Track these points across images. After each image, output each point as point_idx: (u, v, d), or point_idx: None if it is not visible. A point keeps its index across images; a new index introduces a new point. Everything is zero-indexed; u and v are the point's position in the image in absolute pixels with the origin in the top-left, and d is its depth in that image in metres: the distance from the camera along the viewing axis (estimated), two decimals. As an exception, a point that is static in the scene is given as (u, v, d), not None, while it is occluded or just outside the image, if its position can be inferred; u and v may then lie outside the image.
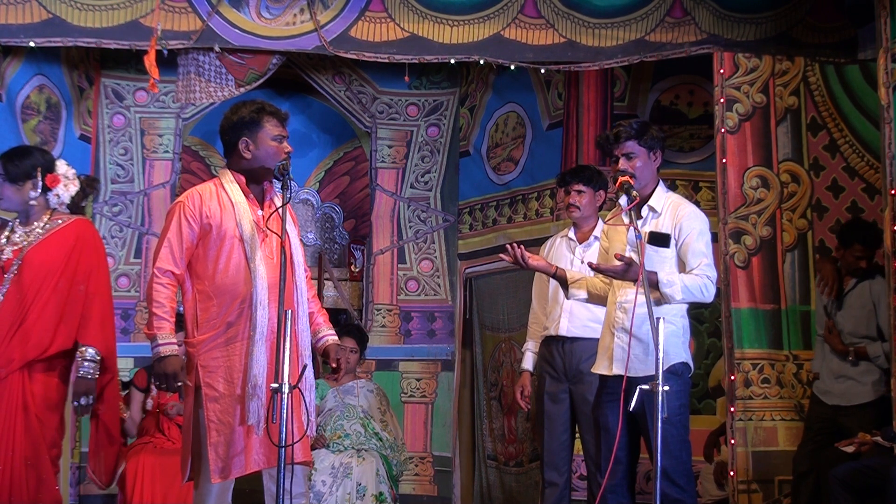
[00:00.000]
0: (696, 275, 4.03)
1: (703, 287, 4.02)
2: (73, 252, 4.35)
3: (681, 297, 3.99)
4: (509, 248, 4.14)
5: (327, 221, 7.40)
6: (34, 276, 4.29)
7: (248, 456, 3.84)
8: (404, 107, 7.25)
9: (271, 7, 5.72)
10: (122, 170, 6.94)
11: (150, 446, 5.81)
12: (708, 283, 4.03)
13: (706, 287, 4.03)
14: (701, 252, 4.08)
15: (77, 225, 4.45)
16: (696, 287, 4.01)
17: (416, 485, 6.93)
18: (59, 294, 4.31)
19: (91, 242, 4.44)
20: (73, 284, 4.34)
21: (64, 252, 4.34)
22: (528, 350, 5.32)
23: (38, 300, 4.29)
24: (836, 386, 5.26)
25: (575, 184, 5.15)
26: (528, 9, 5.75)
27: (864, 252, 5.26)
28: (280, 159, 3.94)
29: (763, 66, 5.66)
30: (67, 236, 4.38)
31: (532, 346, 5.29)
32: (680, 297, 3.98)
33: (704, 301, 4.09)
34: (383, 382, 6.68)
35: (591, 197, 5.14)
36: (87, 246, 4.42)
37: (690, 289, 4.00)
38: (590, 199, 5.14)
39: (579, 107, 6.25)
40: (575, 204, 5.13)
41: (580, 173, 5.20)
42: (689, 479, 4.12)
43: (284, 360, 3.58)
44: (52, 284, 4.29)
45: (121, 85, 6.96)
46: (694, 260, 4.07)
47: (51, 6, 5.52)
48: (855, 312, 5.26)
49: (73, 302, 4.34)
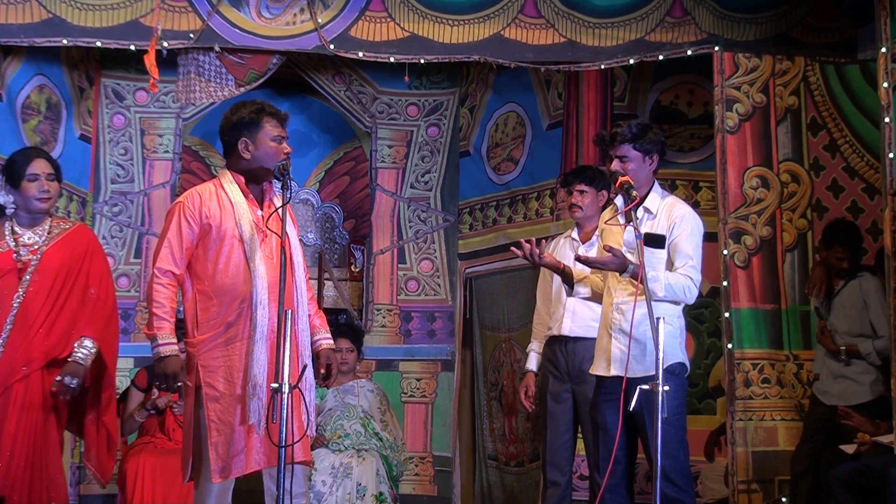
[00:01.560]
0: (680, 274, 4.05)
1: (686, 287, 4.04)
2: (86, 256, 4.49)
3: (663, 294, 4.00)
4: (523, 243, 4.15)
5: (327, 221, 7.40)
6: (55, 277, 4.40)
7: (248, 456, 3.85)
8: (404, 107, 7.25)
9: (271, 7, 5.72)
10: (122, 170, 6.94)
11: (150, 446, 5.81)
12: (690, 285, 4.05)
13: (688, 288, 4.05)
14: (687, 254, 4.09)
15: (84, 230, 4.66)
16: (679, 286, 4.03)
17: (416, 485, 6.93)
18: (75, 296, 4.43)
19: (99, 248, 4.64)
20: (87, 287, 4.47)
21: (78, 255, 4.46)
22: (532, 350, 5.32)
23: (58, 301, 4.40)
24: (835, 386, 5.27)
25: (577, 184, 5.16)
26: (528, 9, 5.75)
27: (843, 253, 5.30)
28: (279, 160, 3.95)
29: (763, 66, 5.66)
30: (79, 240, 4.51)
31: (536, 347, 5.30)
32: (662, 294, 4.00)
33: (685, 301, 4.11)
34: (383, 382, 6.68)
35: (593, 197, 5.15)
36: (98, 251, 4.59)
37: (673, 287, 4.02)
38: (592, 198, 5.15)
39: (579, 107, 6.24)
40: (577, 204, 5.14)
41: (582, 173, 5.21)
42: (687, 478, 4.13)
43: (284, 359, 3.59)
44: (70, 286, 4.41)
45: (121, 85, 6.96)
46: (679, 260, 4.09)
47: (51, 6, 5.52)
48: (847, 312, 5.28)
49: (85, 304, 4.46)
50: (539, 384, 5.26)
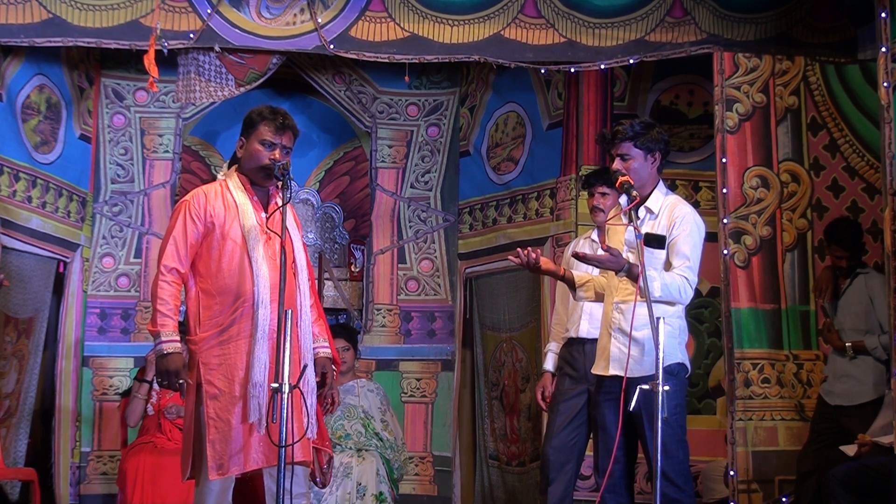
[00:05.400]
0: (676, 274, 4.04)
1: (681, 288, 4.03)
2: None
3: (659, 294, 3.98)
4: (520, 252, 4.13)
5: (327, 221, 7.40)
6: None
7: (246, 454, 3.85)
8: (404, 107, 7.25)
9: (271, 7, 5.72)
10: (122, 170, 6.94)
11: (150, 446, 5.81)
12: (686, 286, 4.03)
13: (684, 288, 4.03)
14: (685, 254, 4.07)
15: None
16: (674, 286, 4.01)
17: (416, 485, 6.93)
18: None
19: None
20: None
21: None
22: (549, 351, 5.29)
23: None
24: (839, 386, 5.28)
25: (599, 186, 5.11)
26: (528, 9, 5.75)
27: (842, 252, 5.31)
28: (261, 163, 3.96)
29: (763, 65, 5.66)
30: None
31: (554, 348, 5.27)
32: (658, 294, 3.97)
33: (680, 302, 4.09)
34: (383, 382, 6.68)
35: (615, 199, 5.07)
36: None
37: (669, 287, 4.00)
38: (614, 201, 5.06)
39: (579, 107, 6.24)
40: (599, 206, 5.10)
41: (604, 175, 5.08)
42: (686, 478, 4.12)
43: (284, 359, 3.59)
44: None
45: (121, 85, 6.96)
46: (677, 260, 4.08)
47: (51, 6, 5.52)
48: (854, 309, 5.29)
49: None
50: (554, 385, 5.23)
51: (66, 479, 6.36)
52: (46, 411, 6.40)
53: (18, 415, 5.99)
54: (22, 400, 6.03)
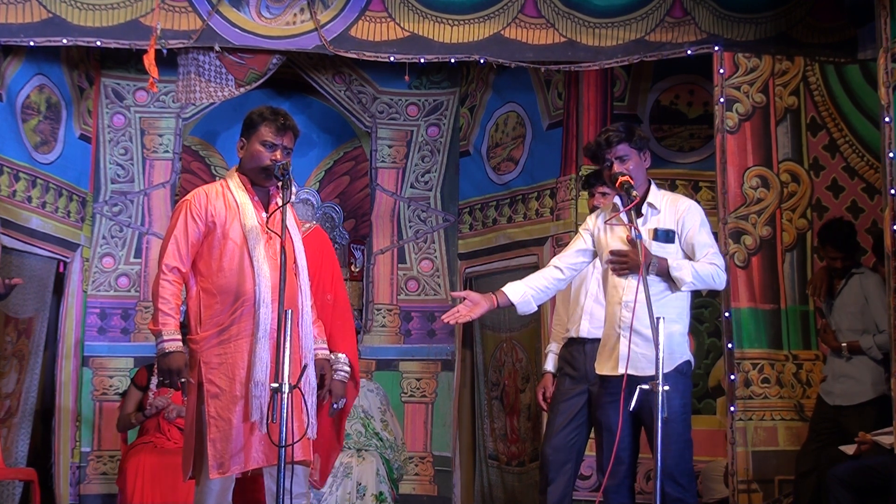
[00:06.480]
0: (705, 262, 4.04)
1: (714, 274, 4.03)
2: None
3: (690, 280, 3.98)
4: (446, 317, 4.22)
5: (327, 221, 7.40)
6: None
7: (247, 453, 3.85)
8: (404, 107, 7.25)
9: (271, 6, 5.72)
10: (122, 170, 6.94)
11: (150, 446, 5.81)
12: (718, 270, 4.04)
13: (717, 274, 4.04)
14: (706, 243, 4.09)
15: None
16: (706, 273, 4.01)
17: (416, 485, 6.93)
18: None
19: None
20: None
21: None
22: (550, 352, 5.29)
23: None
24: (837, 386, 5.28)
25: (600, 186, 5.11)
26: (528, 8, 5.75)
27: (835, 253, 5.31)
28: (262, 164, 3.97)
29: (763, 65, 5.66)
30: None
31: (555, 348, 5.26)
32: (690, 280, 3.97)
33: (716, 287, 4.11)
34: (383, 382, 6.68)
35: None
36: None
37: (701, 274, 4.00)
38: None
39: (579, 106, 6.25)
40: (599, 206, 5.10)
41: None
42: (690, 478, 4.11)
43: (285, 359, 3.59)
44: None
45: (121, 85, 6.96)
46: (700, 251, 4.08)
47: (51, 6, 5.52)
48: (849, 309, 5.30)
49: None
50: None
51: (66, 479, 6.36)
52: (46, 411, 6.40)
53: (19, 415, 5.98)
54: (23, 400, 6.02)
